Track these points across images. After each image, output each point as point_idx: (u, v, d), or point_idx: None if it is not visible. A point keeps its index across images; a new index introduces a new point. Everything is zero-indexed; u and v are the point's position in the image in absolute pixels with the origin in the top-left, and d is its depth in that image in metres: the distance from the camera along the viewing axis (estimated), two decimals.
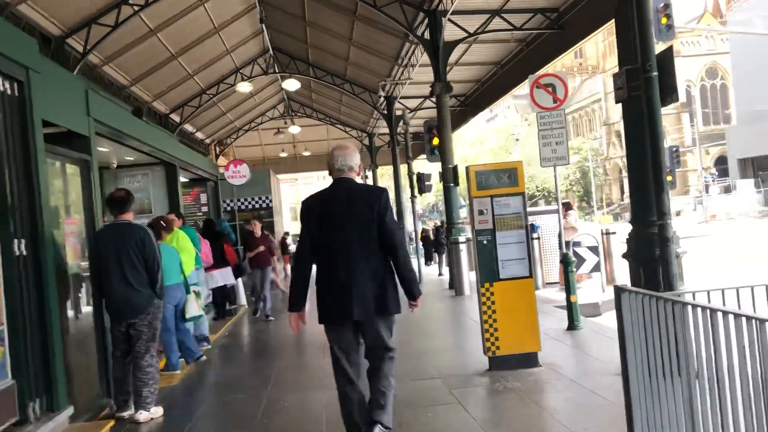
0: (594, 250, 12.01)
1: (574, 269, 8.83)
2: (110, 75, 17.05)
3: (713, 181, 54.94)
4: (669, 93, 6.00)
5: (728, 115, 74.94)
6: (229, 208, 24.12)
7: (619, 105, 6.77)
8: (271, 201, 23.76)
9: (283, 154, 33.46)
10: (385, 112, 23.52)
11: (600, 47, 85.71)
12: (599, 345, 7.67)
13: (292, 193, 80.00)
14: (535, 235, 13.56)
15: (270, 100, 29.35)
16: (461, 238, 13.58)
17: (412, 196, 17.89)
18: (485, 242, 6.76)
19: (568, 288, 8.71)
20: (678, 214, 30.21)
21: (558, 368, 6.71)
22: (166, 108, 22.18)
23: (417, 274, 6.21)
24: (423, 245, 26.27)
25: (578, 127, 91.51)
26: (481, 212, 6.75)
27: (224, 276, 11.79)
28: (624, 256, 6.44)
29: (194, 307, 7.86)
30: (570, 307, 8.68)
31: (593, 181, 70.56)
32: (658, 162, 6.08)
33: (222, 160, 32.21)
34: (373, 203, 4.23)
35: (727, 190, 49.88)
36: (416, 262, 17.93)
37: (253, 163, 30.58)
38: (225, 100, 25.22)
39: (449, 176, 14.76)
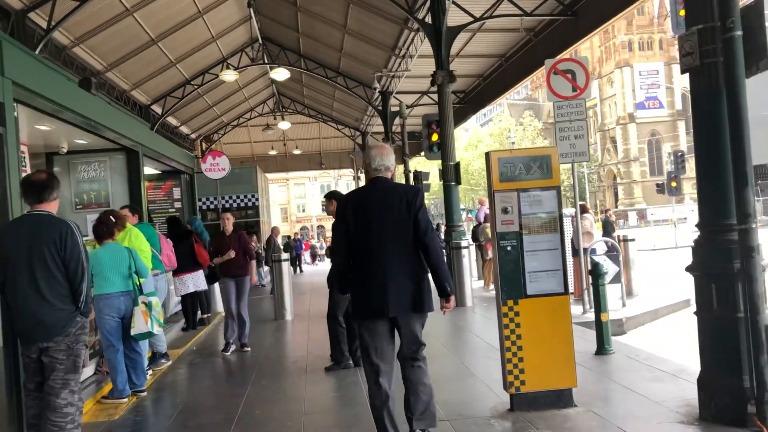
0: (614, 258, 10.58)
1: (605, 281, 7.35)
2: (82, 58, 15.50)
3: None
4: (758, 57, 4.55)
5: None
6: (212, 207, 22.59)
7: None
8: (257, 200, 22.24)
9: (273, 152, 31.93)
10: (380, 108, 22.05)
11: (596, 53, 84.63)
12: (642, 377, 6.20)
13: (282, 193, 78.36)
14: None
15: (259, 94, 27.85)
16: (463, 242, 12.11)
17: None
18: (509, 248, 5.29)
19: (598, 304, 7.24)
20: (671, 224, 28.86)
21: (598, 409, 5.24)
22: (147, 98, 20.66)
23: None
24: None
25: None
26: (505, 210, 5.27)
27: (195, 281, 10.28)
28: (688, 269, 4.98)
29: (141, 322, 6.33)
30: (600, 328, 7.21)
31: (587, 187, 69.24)
32: (741, 148, 4.66)
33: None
34: (410, 202, 4.26)
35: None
36: None
37: (241, 160, 29.08)
38: (211, 92, 23.73)
39: (450, 174, 13.31)
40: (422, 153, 29.10)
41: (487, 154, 5.40)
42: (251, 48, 21.45)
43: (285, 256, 11.69)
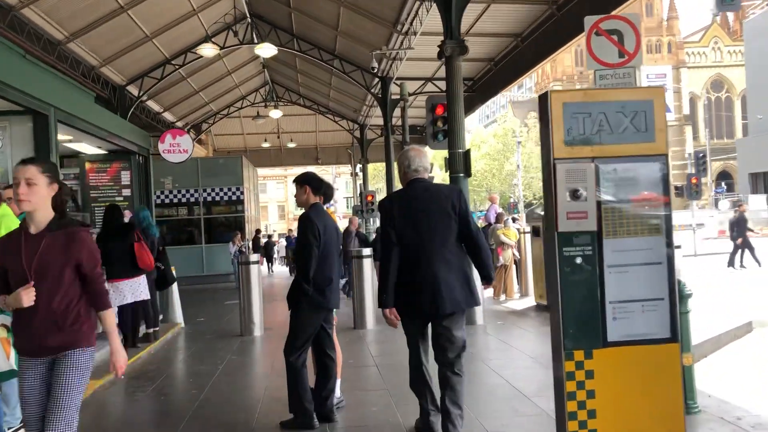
0: None
1: (688, 307, 5.05)
2: (36, 24, 13.23)
3: (722, 195, 51.45)
4: None
5: (732, 130, 71.74)
6: (191, 199, 20.33)
7: None
8: (242, 193, 19.99)
9: (266, 144, 29.66)
10: (380, 95, 19.78)
11: None
12: None
13: (281, 191, 75.93)
14: None
15: (251, 81, 25.58)
16: None
17: None
18: (579, 260, 3.03)
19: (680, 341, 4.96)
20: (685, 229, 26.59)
21: None
22: (122, 78, 18.35)
23: None
24: None
25: None
26: (575, 194, 3.01)
27: (135, 290, 8.01)
28: None
29: (1, 355, 4.08)
30: (686, 376, 4.93)
31: None
32: None
33: (195, 148, 28.43)
34: (455, 202, 4.35)
35: (737, 205, 46.29)
36: None
37: (228, 151, 26.82)
38: (197, 76, 21.45)
39: (458, 164, 11.04)
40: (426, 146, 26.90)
41: (543, 97, 3.12)
42: (239, 26, 19.17)
43: (254, 257, 9.40)
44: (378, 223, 20.20)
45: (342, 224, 17.10)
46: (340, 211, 51.03)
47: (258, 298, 9.23)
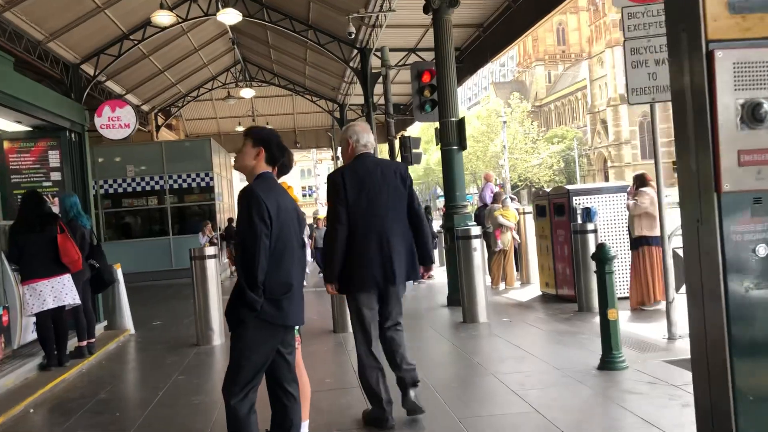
0: None
1: (612, 268, 3.58)
2: None
3: None
4: None
5: None
6: (156, 187, 18.59)
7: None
8: (212, 179, 18.29)
9: (240, 128, 27.80)
10: (359, 68, 18.11)
11: (585, 32, 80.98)
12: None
13: None
14: (590, 226, 8.34)
15: (221, 60, 23.80)
16: (474, 230, 8.26)
17: None
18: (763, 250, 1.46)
19: (603, 298, 3.66)
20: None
21: None
22: (75, 56, 16.53)
23: None
24: None
25: (561, 116, 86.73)
26: (757, 112, 1.44)
27: (58, 292, 6.39)
28: None
29: None
30: (606, 331, 3.41)
31: (578, 171, 65.82)
32: None
33: (165, 133, 26.62)
34: (404, 175, 4.41)
35: None
36: None
37: (199, 136, 25.02)
38: (161, 54, 19.65)
39: (451, 135, 9.48)
40: (407, 128, 25.15)
41: None
42: None
43: (211, 251, 7.75)
44: None
45: (305, 211, 15.41)
46: (323, 198, 49.11)
47: (217, 299, 7.62)
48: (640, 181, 8.50)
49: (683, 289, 6.74)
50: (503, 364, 5.85)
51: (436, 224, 16.51)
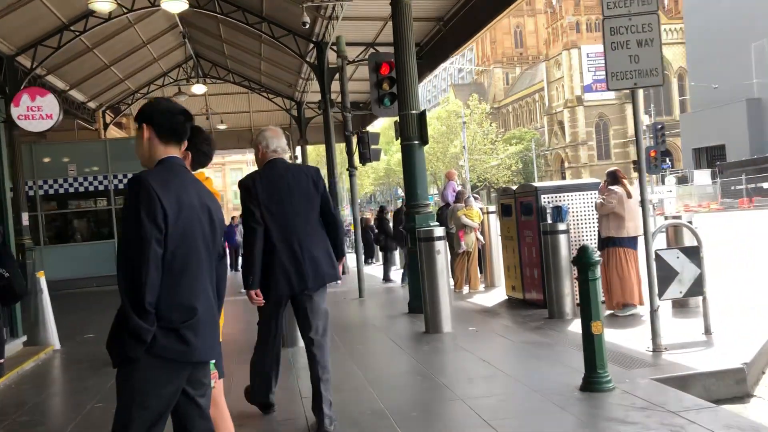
0: (692, 254, 6.14)
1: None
2: None
3: (668, 171, 50.73)
4: None
5: (670, 107, 71.66)
6: (100, 187, 17.43)
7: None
8: None
9: None
10: (316, 63, 17.22)
11: (543, 34, 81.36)
12: None
13: (218, 179, 72.24)
14: (561, 226, 7.64)
15: (172, 54, 22.64)
16: (437, 231, 7.47)
17: (351, 167, 11.61)
18: None
19: (587, 309, 2.75)
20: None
21: None
22: (9, 47, 15.30)
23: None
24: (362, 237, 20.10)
25: (518, 117, 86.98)
26: None
27: None
28: None
29: None
30: (590, 346, 2.71)
31: (536, 171, 65.87)
32: None
33: (114, 132, 25.32)
34: (316, 180, 4.36)
35: (682, 180, 45.56)
36: (355, 258, 11.75)
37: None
38: (106, 47, 18.46)
39: (411, 128, 8.70)
40: (369, 123, 24.36)
41: None
42: None
43: None
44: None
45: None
46: None
47: None
48: (612, 178, 7.86)
49: (667, 294, 6.07)
50: (472, 386, 5.07)
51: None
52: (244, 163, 71.10)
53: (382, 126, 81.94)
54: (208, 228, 2.63)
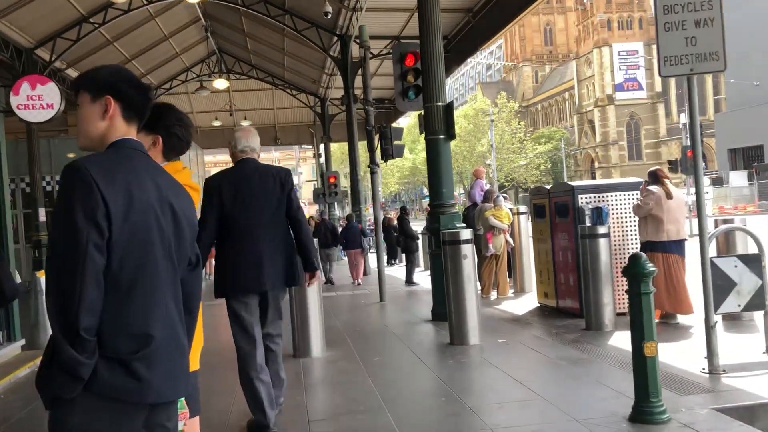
0: (753, 262, 5.45)
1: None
2: None
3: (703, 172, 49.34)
4: None
5: (704, 107, 69.87)
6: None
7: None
8: None
9: (216, 123, 26.32)
10: (339, 57, 16.69)
11: (573, 31, 79.97)
12: None
13: None
14: (602, 230, 6.96)
15: (194, 50, 22.27)
16: (464, 234, 6.84)
17: (372, 164, 11.01)
18: None
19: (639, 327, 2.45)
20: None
21: None
22: (29, 39, 15.02)
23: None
24: (384, 238, 19.52)
25: (548, 116, 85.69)
26: None
27: None
28: None
29: None
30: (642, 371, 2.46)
31: (565, 171, 64.69)
32: None
33: None
34: (283, 181, 4.32)
35: (717, 182, 44.18)
36: (376, 259, 11.08)
37: None
38: (126, 40, 18.11)
39: (437, 122, 8.08)
40: (393, 120, 23.73)
41: None
42: None
43: None
44: (346, 212, 17.43)
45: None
46: (305, 196, 47.43)
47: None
48: (653, 177, 7.22)
49: (724, 307, 5.39)
50: (503, 411, 4.44)
51: (417, 226, 15.14)
52: (270, 161, 70.89)
53: (408, 124, 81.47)
54: (171, 230, 2.05)
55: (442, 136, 8.09)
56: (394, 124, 25.02)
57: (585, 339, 6.53)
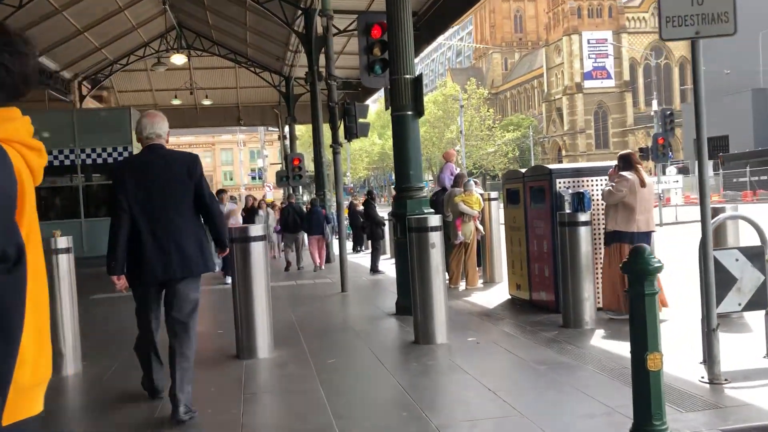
0: (755, 256, 4.81)
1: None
2: None
3: (669, 161, 49.48)
4: None
5: (671, 97, 70.25)
6: (66, 162, 15.99)
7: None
8: (132, 154, 15.73)
9: (176, 102, 25.16)
10: (304, 31, 15.78)
11: (543, 19, 79.65)
12: None
13: (208, 159, 70.17)
14: (583, 217, 6.28)
15: (152, 24, 21.10)
16: (432, 220, 6.08)
17: (334, 143, 10.14)
18: None
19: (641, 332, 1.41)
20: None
21: None
22: None
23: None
24: (350, 224, 18.77)
25: (516, 104, 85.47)
26: None
27: None
28: None
29: None
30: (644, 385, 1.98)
31: (533, 159, 64.48)
32: None
33: (92, 105, 23.77)
34: (191, 168, 4.23)
35: (683, 171, 44.20)
36: (338, 247, 10.27)
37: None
38: (78, 10, 16.96)
39: (404, 96, 7.31)
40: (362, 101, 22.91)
41: None
42: None
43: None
44: (307, 197, 16.57)
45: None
46: (270, 180, 46.25)
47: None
48: (626, 162, 6.58)
49: (723, 306, 4.74)
50: (476, 427, 3.72)
51: (384, 212, 14.36)
52: (235, 143, 69.22)
53: (377, 110, 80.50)
54: None
55: (410, 112, 7.32)
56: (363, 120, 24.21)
57: (564, 338, 5.86)
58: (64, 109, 18.69)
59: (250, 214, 14.41)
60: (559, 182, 7.12)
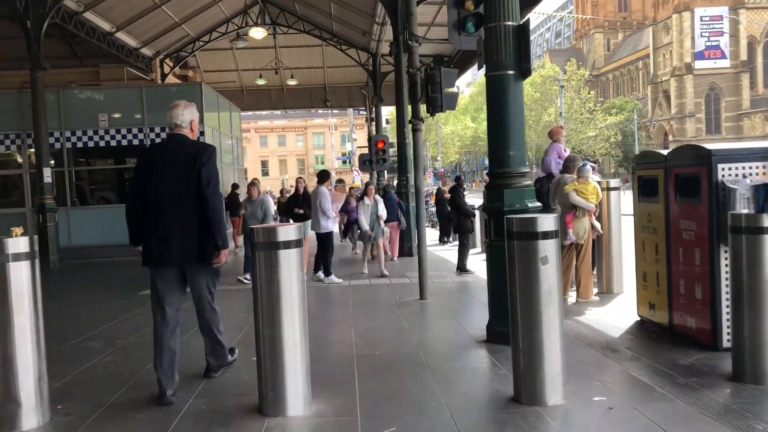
0: None
1: None
2: None
3: None
4: None
5: None
6: (134, 141, 14.92)
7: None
8: (202, 134, 14.50)
9: (260, 81, 23.94)
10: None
11: None
12: None
13: (300, 142, 69.69)
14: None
15: None
16: (545, 220, 4.11)
17: (414, 119, 8.19)
18: None
19: None
20: None
21: None
22: None
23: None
24: (436, 213, 16.86)
25: (619, 86, 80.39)
26: None
27: None
28: None
29: None
30: None
31: (636, 144, 60.13)
32: None
33: (173, 81, 22.89)
34: (198, 157, 4.24)
35: None
36: (416, 240, 8.35)
37: (218, 92, 21.21)
38: None
39: (505, 51, 5.34)
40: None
41: None
42: None
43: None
44: (395, 182, 14.85)
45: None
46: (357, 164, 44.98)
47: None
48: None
49: None
50: None
51: (473, 199, 12.38)
52: (326, 127, 68.48)
53: (472, 93, 77.57)
54: None
55: (511, 72, 5.35)
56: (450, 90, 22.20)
57: (742, 404, 3.81)
58: (131, 86, 17.71)
59: (294, 200, 11.78)
60: (722, 169, 5.00)
